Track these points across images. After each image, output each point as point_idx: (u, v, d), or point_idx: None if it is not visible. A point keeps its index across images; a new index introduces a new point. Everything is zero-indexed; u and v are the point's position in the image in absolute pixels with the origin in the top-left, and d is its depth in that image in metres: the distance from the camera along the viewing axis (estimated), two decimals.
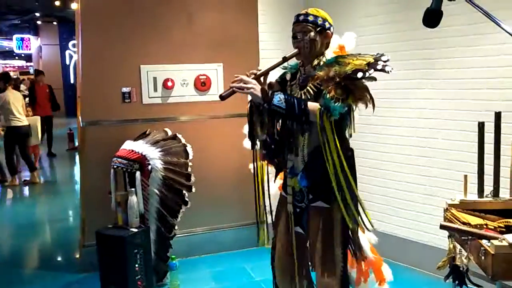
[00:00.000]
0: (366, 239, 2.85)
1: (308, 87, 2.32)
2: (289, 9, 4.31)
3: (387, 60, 2.21)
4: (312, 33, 2.30)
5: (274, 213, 2.63)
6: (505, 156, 2.44)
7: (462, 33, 3.45)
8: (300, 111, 2.18)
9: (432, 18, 1.71)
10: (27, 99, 10.08)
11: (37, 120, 8.61)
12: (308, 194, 2.39)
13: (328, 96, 2.16)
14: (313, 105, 2.20)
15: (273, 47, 4.49)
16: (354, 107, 2.25)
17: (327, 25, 2.34)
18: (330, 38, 2.39)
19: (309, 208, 2.40)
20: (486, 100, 3.35)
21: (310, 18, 2.31)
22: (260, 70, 2.32)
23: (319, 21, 2.32)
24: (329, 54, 2.42)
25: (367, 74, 2.14)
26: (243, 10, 4.42)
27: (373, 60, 2.20)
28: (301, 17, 2.33)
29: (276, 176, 2.69)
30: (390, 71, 2.19)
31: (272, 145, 2.41)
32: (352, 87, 2.18)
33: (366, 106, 2.24)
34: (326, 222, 2.34)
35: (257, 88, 2.22)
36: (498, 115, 2.41)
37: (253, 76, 2.28)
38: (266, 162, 2.59)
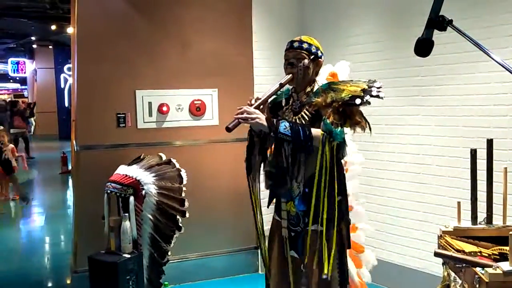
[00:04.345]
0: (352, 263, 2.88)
1: (302, 113, 2.37)
2: (283, 36, 4.36)
3: (380, 87, 2.28)
4: (306, 61, 2.36)
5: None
6: (497, 182, 2.46)
7: (453, 61, 3.50)
8: (305, 137, 2.23)
9: (424, 47, 1.74)
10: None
11: None
12: (304, 217, 2.39)
13: (328, 121, 2.22)
14: (315, 131, 2.25)
15: (268, 73, 4.54)
16: (352, 132, 2.33)
17: (319, 53, 2.42)
18: (321, 67, 2.47)
19: (305, 232, 2.40)
20: (478, 127, 3.39)
21: (305, 45, 2.37)
22: (260, 99, 2.34)
23: (313, 49, 2.38)
24: (321, 80, 2.48)
25: (364, 100, 2.22)
26: (238, 36, 4.48)
27: (367, 87, 2.27)
28: (296, 44, 2.38)
29: (269, 202, 2.69)
30: (383, 97, 2.26)
31: (279, 175, 2.39)
32: (349, 112, 2.26)
33: (364, 130, 2.29)
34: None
35: (262, 118, 2.27)
36: (490, 142, 2.44)
37: (254, 105, 2.31)
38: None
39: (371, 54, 4.12)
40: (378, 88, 2.27)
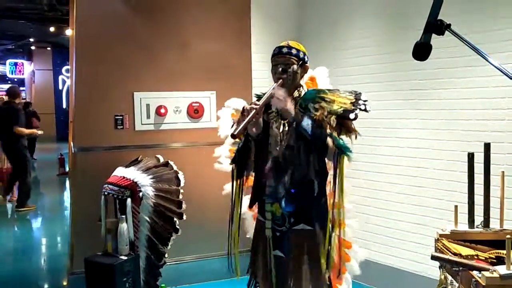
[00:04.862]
0: None
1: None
2: (282, 39, 4.34)
3: (366, 100, 2.37)
4: (295, 66, 2.39)
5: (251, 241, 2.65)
6: (495, 186, 2.46)
7: (451, 65, 3.52)
8: (323, 144, 2.27)
9: (422, 51, 1.74)
10: None
11: None
12: (290, 218, 2.39)
13: (336, 135, 2.30)
14: (330, 142, 2.29)
15: (266, 76, 4.52)
16: (350, 140, 2.39)
17: (306, 58, 2.45)
18: (307, 71, 2.51)
19: (291, 231, 2.40)
20: (476, 131, 3.40)
21: (294, 51, 2.40)
22: (258, 104, 2.32)
23: (301, 55, 2.42)
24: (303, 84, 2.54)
25: (355, 114, 2.32)
26: (237, 39, 4.48)
27: (354, 99, 2.36)
28: (285, 50, 2.40)
29: (251, 205, 2.68)
30: (370, 110, 2.36)
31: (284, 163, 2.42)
32: (342, 122, 2.34)
33: (356, 137, 2.38)
34: (311, 244, 2.36)
35: (292, 106, 2.29)
36: (487, 146, 2.45)
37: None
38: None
39: (369, 58, 4.13)
40: (364, 101, 2.36)
